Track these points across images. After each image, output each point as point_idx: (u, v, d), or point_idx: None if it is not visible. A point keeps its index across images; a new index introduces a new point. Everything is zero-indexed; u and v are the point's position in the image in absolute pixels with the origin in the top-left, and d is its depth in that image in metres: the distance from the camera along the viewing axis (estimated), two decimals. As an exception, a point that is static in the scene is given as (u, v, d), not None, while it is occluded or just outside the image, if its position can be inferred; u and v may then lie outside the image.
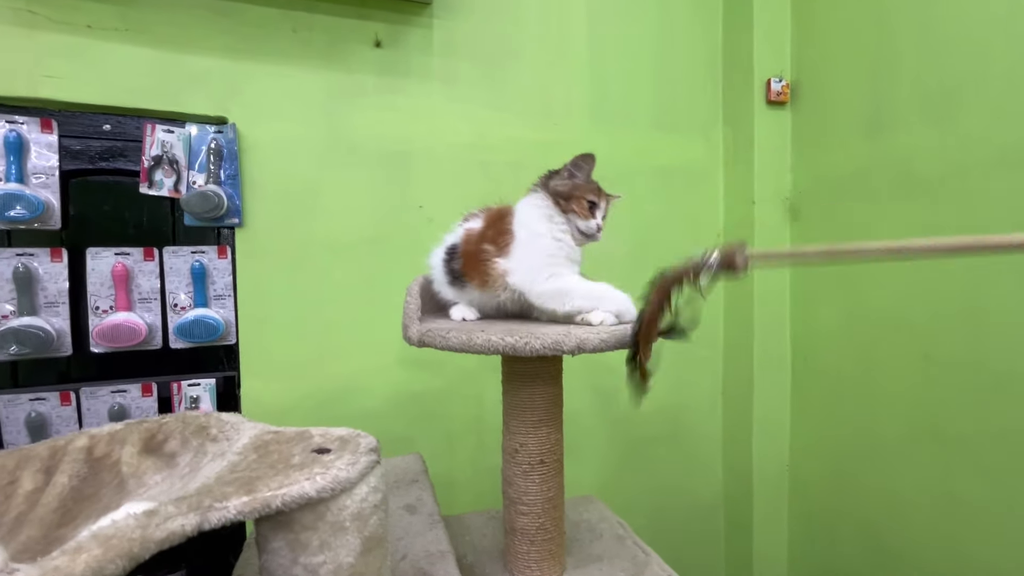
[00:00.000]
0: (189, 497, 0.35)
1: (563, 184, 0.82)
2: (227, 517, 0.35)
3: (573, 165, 0.83)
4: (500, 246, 0.80)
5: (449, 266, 0.86)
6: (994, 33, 1.04)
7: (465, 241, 0.85)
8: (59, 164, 1.08)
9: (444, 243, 0.90)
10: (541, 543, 0.78)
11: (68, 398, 1.09)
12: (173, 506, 0.34)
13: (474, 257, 0.82)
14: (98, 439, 0.54)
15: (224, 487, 0.38)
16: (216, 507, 0.35)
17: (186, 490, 0.38)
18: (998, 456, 1.05)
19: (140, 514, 0.33)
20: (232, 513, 0.36)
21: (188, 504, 0.35)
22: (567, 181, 0.83)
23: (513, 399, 0.79)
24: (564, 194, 0.82)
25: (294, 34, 1.22)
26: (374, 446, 0.47)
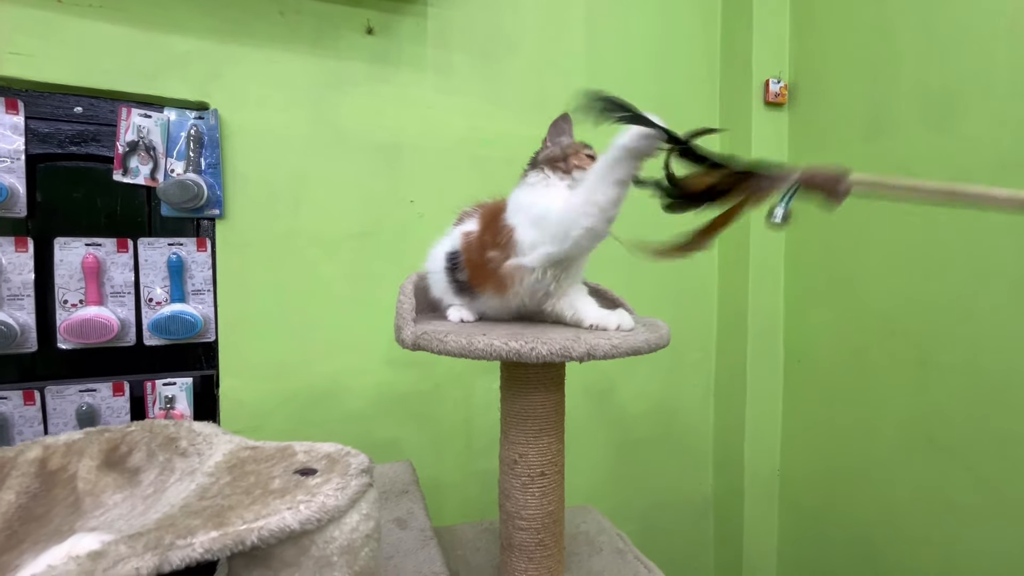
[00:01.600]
0: (147, 533, 0.30)
1: (552, 150, 0.76)
2: (192, 556, 0.30)
3: (553, 132, 0.78)
4: (504, 247, 0.73)
5: (453, 276, 0.79)
6: (996, 36, 1.03)
7: (466, 249, 0.78)
8: (25, 147, 1.01)
9: (441, 246, 0.83)
10: (540, 560, 0.74)
11: (32, 397, 1.02)
12: (126, 545, 0.29)
13: (481, 267, 0.75)
14: (53, 450, 0.48)
15: (190, 519, 0.33)
16: (179, 544, 0.30)
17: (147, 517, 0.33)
18: (991, 460, 1.05)
19: (83, 557, 0.27)
20: (198, 551, 0.30)
21: (144, 543, 0.29)
22: (553, 147, 0.77)
23: (512, 407, 0.74)
24: (558, 156, 0.74)
25: (281, 17, 1.16)
26: (366, 466, 0.42)
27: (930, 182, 0.56)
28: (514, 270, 0.71)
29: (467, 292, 0.79)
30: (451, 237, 0.82)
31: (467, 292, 0.79)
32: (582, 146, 0.76)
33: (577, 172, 0.73)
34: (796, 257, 1.51)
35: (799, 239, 1.50)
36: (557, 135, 0.78)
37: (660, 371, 1.56)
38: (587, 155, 0.74)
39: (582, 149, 0.75)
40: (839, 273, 1.37)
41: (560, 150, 0.75)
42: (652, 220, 0.80)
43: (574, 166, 0.73)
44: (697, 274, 1.60)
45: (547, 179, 0.73)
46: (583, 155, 0.74)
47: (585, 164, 0.73)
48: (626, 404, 1.54)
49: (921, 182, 0.57)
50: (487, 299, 0.78)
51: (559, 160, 0.74)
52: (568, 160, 0.73)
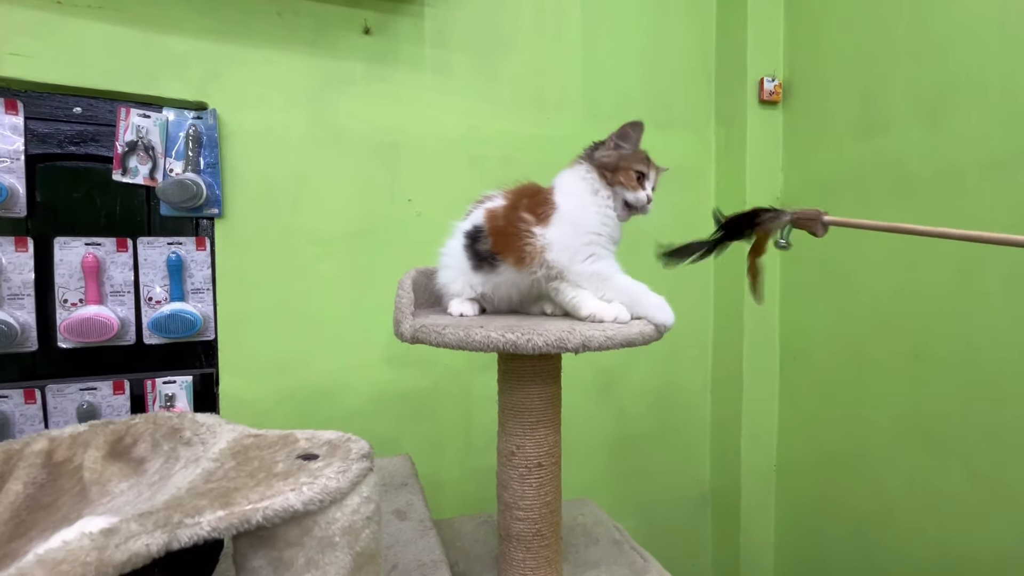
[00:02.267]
0: (156, 512, 0.31)
1: (608, 155, 0.78)
2: (199, 534, 0.31)
3: (619, 135, 0.79)
4: (540, 216, 0.74)
5: (473, 249, 0.80)
6: (987, 36, 1.04)
7: (492, 218, 0.78)
8: (25, 148, 1.01)
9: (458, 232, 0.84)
10: (537, 550, 0.75)
11: (33, 396, 1.02)
12: (136, 523, 0.30)
13: (507, 231, 0.76)
14: (59, 442, 0.49)
15: (197, 499, 0.34)
16: (187, 523, 0.31)
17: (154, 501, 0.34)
18: (984, 454, 1.06)
19: (96, 533, 0.28)
20: (206, 530, 0.31)
21: (154, 520, 0.30)
22: (612, 152, 0.78)
23: (510, 399, 0.76)
24: (610, 166, 0.77)
25: (279, 18, 1.17)
26: (366, 451, 0.43)
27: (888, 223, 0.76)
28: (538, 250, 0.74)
29: (486, 264, 0.79)
30: (470, 218, 0.83)
31: (486, 264, 0.79)
32: (636, 160, 0.78)
33: (619, 188, 0.77)
34: (792, 254, 1.52)
35: (795, 236, 1.51)
36: (622, 139, 0.79)
37: (658, 367, 1.57)
38: (636, 172, 0.77)
39: (634, 165, 0.77)
40: (834, 269, 1.39)
41: (615, 160, 0.77)
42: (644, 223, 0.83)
43: (619, 182, 0.77)
44: (693, 270, 1.61)
45: (595, 180, 0.78)
46: (632, 173, 0.77)
47: (630, 184, 0.77)
48: (624, 400, 1.55)
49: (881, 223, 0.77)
50: (505, 272, 0.78)
51: (609, 169, 0.77)
52: (616, 173, 0.77)
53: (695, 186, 1.60)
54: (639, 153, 0.79)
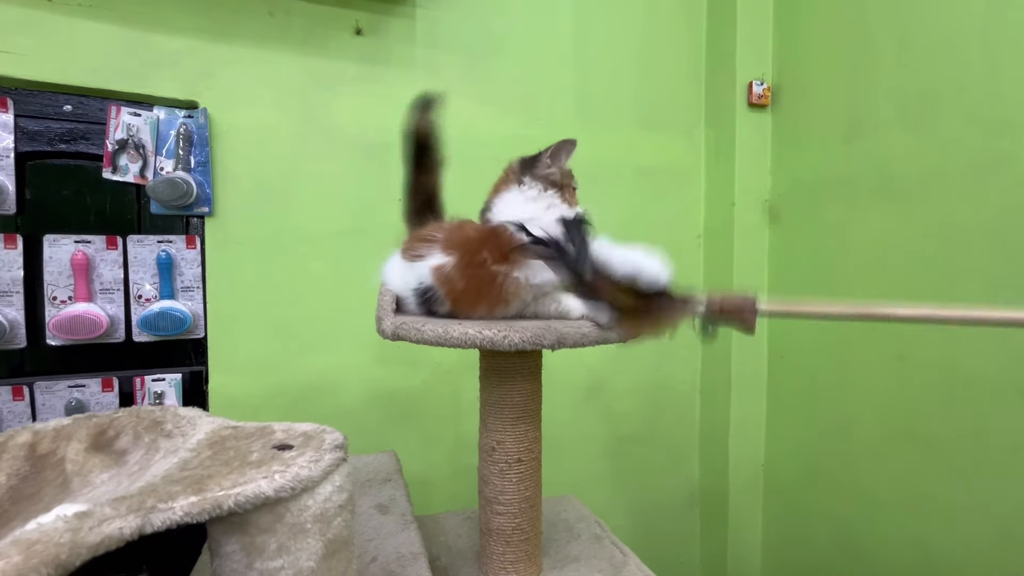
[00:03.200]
0: (130, 497, 0.32)
1: (552, 172, 0.79)
2: (172, 519, 0.32)
3: (554, 153, 0.80)
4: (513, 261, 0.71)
5: (429, 308, 0.77)
6: (970, 41, 1.06)
7: (447, 281, 0.73)
8: (14, 145, 1.02)
9: (398, 273, 0.81)
10: (517, 544, 0.76)
11: (21, 392, 1.03)
12: (110, 507, 0.31)
13: (478, 288, 0.72)
14: (42, 435, 0.50)
15: (171, 486, 0.35)
16: (160, 508, 0.32)
17: (131, 490, 0.35)
18: (969, 456, 1.07)
19: (71, 516, 0.29)
20: (178, 515, 0.32)
21: (128, 505, 0.31)
22: (553, 168, 0.79)
23: (490, 395, 0.77)
24: (557, 183, 0.78)
25: (271, 18, 1.18)
26: (340, 442, 0.44)
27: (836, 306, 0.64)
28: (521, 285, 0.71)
29: (448, 316, 0.76)
30: (412, 272, 0.78)
31: (448, 316, 0.76)
32: (571, 177, 0.81)
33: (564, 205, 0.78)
34: (779, 256, 1.54)
35: (783, 240, 1.53)
36: (558, 157, 0.80)
37: (647, 367, 1.59)
38: (574, 188, 0.81)
39: (572, 181, 0.80)
40: (821, 272, 1.41)
41: (560, 176, 0.79)
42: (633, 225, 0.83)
43: (564, 198, 0.79)
44: (683, 272, 1.62)
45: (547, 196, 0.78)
46: (572, 188, 0.80)
47: (572, 199, 0.80)
48: (613, 401, 1.56)
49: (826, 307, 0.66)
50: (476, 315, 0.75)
51: (555, 186, 0.79)
52: (563, 190, 0.79)
53: (684, 188, 1.62)
54: (568, 170, 0.82)
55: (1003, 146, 1.01)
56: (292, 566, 0.37)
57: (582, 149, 0.82)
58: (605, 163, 1.50)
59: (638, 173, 1.55)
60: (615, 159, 1.52)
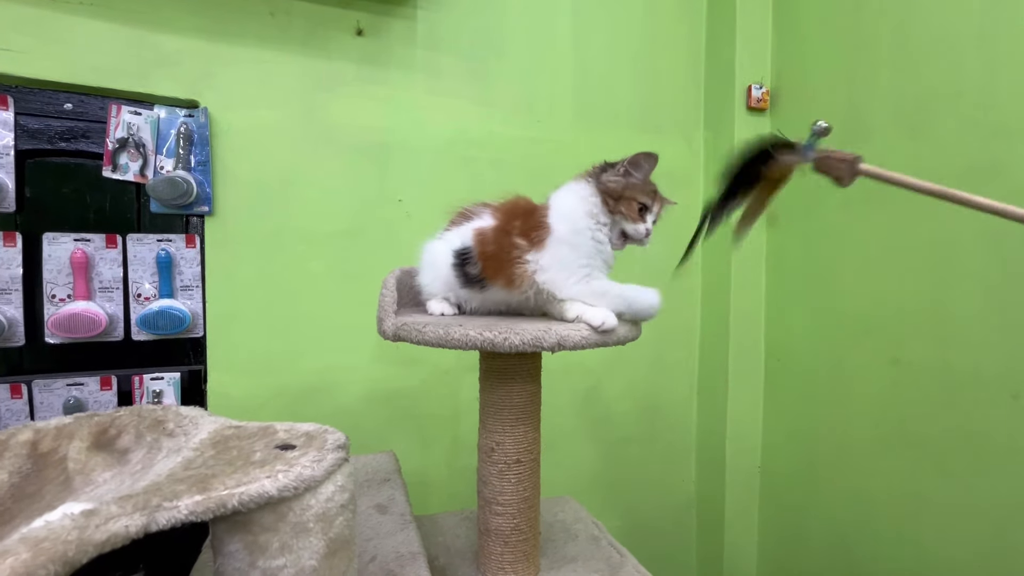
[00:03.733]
0: (135, 496, 0.33)
1: (616, 181, 0.76)
2: (177, 518, 0.33)
3: (632, 162, 0.77)
4: (533, 240, 0.73)
5: (463, 270, 0.79)
6: (966, 47, 1.08)
7: (482, 241, 0.77)
8: (14, 143, 1.02)
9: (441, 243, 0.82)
10: (515, 544, 0.76)
11: (19, 391, 1.03)
12: (116, 506, 0.31)
13: (499, 256, 0.75)
14: (44, 433, 0.50)
15: (176, 484, 0.35)
16: (165, 506, 0.32)
17: (134, 488, 0.36)
18: (962, 456, 1.08)
19: (78, 514, 0.30)
20: (183, 513, 0.33)
21: (133, 503, 0.32)
22: (620, 179, 0.76)
23: (490, 397, 0.77)
24: (615, 192, 0.75)
25: (271, 18, 1.18)
26: (342, 443, 0.44)
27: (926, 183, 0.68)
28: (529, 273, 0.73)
29: (476, 284, 0.79)
30: (458, 234, 0.81)
31: (476, 284, 0.79)
32: (642, 192, 0.77)
33: (619, 217, 0.76)
34: (777, 260, 1.55)
35: (780, 242, 1.54)
36: (633, 167, 0.77)
37: (644, 370, 1.59)
38: (640, 204, 0.76)
39: (639, 196, 0.76)
40: (817, 275, 1.42)
41: (620, 188, 0.76)
42: None
43: (620, 211, 0.76)
44: (680, 275, 1.63)
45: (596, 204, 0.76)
46: (635, 204, 0.76)
47: (632, 215, 0.76)
48: (611, 403, 1.57)
49: (919, 181, 0.69)
50: (494, 291, 0.78)
51: (613, 196, 0.76)
52: (619, 202, 0.76)
53: (683, 191, 1.62)
54: (648, 184, 0.78)
55: (999, 151, 1.02)
56: (294, 565, 0.37)
57: (582, 151, 0.81)
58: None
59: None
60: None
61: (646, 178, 0.78)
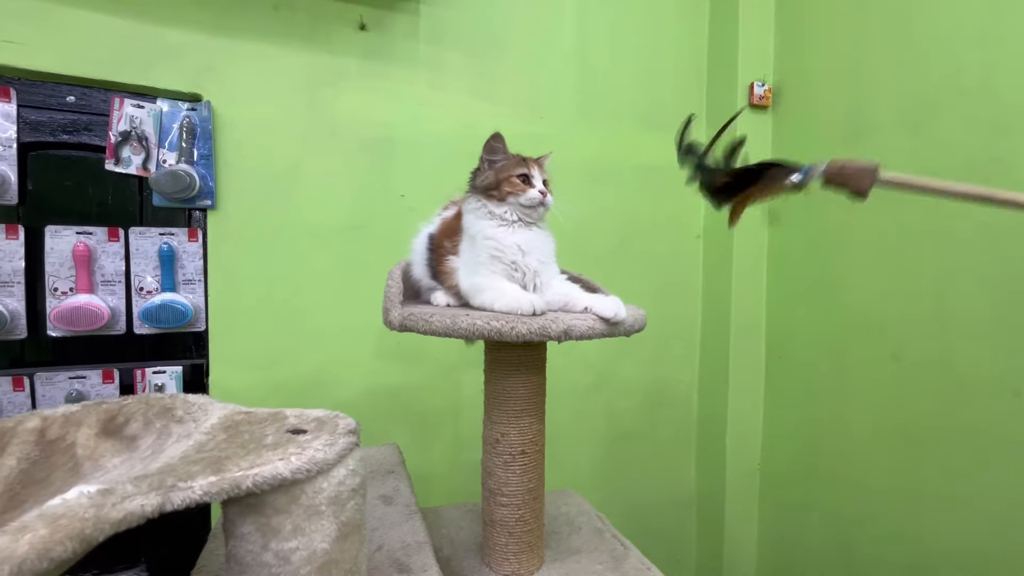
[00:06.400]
0: (150, 476, 0.33)
1: (486, 176, 0.79)
2: (192, 498, 0.33)
3: (487, 153, 0.81)
4: (454, 243, 0.81)
5: (430, 261, 0.86)
6: (968, 44, 1.08)
7: (439, 232, 0.85)
8: (17, 135, 1.02)
9: (426, 229, 0.88)
10: (520, 535, 0.76)
11: (21, 383, 1.03)
12: (132, 485, 0.31)
13: (439, 253, 0.82)
14: (51, 421, 0.50)
15: (190, 466, 0.35)
16: (180, 487, 0.33)
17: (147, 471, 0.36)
18: (962, 453, 1.09)
19: (94, 493, 0.30)
20: (198, 494, 0.33)
21: (149, 483, 0.32)
22: (489, 172, 0.79)
23: (495, 388, 0.77)
24: (492, 185, 0.78)
25: (275, 12, 1.18)
26: (353, 427, 0.45)
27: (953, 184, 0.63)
28: (452, 272, 0.80)
29: (436, 279, 0.85)
30: (432, 223, 0.88)
31: (436, 279, 0.85)
32: (512, 166, 0.79)
33: (511, 198, 0.78)
34: (778, 257, 1.56)
35: (781, 240, 1.54)
36: (491, 155, 0.81)
37: (645, 365, 1.60)
38: (518, 176, 0.78)
39: (512, 172, 0.78)
40: (819, 272, 1.42)
41: (493, 179, 0.78)
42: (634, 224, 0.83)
43: (508, 193, 0.78)
44: (682, 271, 1.64)
45: (483, 206, 0.79)
46: (514, 179, 0.78)
47: (518, 189, 0.77)
48: (611, 399, 1.57)
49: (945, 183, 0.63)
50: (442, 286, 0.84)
51: (494, 188, 0.78)
52: (501, 187, 0.78)
53: (685, 188, 1.62)
54: (512, 158, 0.81)
55: (1001, 149, 1.03)
56: (307, 547, 0.37)
57: (585, 147, 0.82)
58: (606, 162, 1.51)
59: (639, 172, 1.56)
60: (616, 158, 1.53)
61: (507, 154, 0.81)
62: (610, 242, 1.50)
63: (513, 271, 0.75)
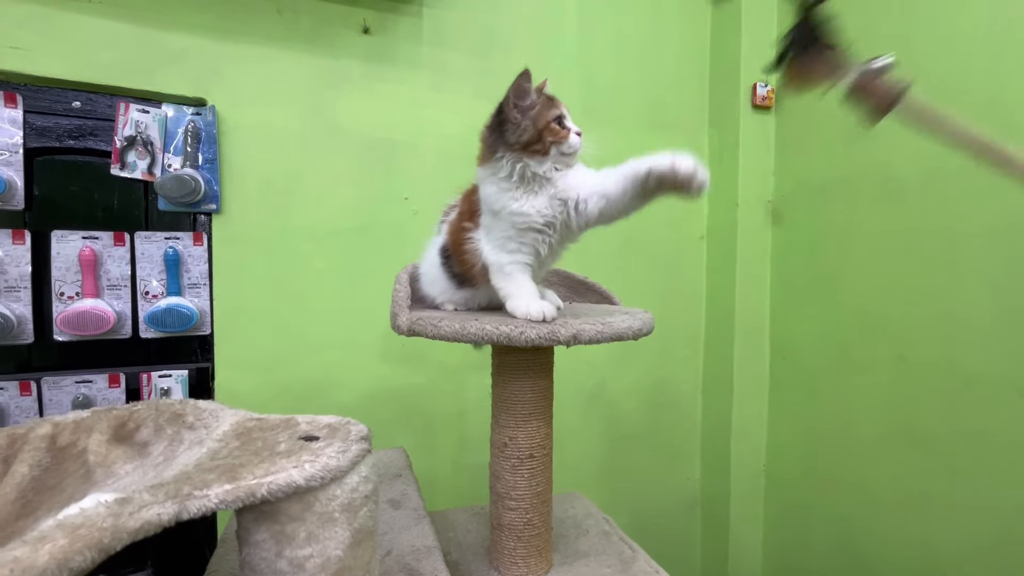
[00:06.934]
0: (166, 484, 0.33)
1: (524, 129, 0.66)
2: (208, 506, 0.33)
3: (516, 97, 0.67)
4: (475, 220, 0.72)
5: (450, 270, 0.78)
6: (973, 44, 1.08)
7: (450, 233, 0.77)
8: (23, 141, 1.02)
9: (434, 244, 0.83)
10: (528, 539, 0.76)
11: (28, 388, 1.03)
12: (148, 494, 0.31)
13: (459, 246, 0.73)
14: (62, 427, 0.50)
15: (205, 474, 0.35)
16: (196, 495, 0.33)
17: (161, 479, 0.36)
18: (968, 455, 1.09)
19: (112, 502, 0.30)
20: (214, 502, 0.33)
21: (165, 492, 0.32)
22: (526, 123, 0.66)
23: (503, 392, 0.77)
24: (534, 138, 0.66)
25: (279, 16, 1.18)
26: (365, 434, 0.45)
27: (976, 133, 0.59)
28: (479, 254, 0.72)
29: (466, 284, 0.78)
30: (441, 233, 0.83)
31: (466, 284, 0.78)
32: (549, 109, 0.67)
33: (554, 148, 0.67)
34: (782, 257, 1.56)
35: (785, 240, 1.54)
36: (522, 99, 0.68)
37: (650, 367, 1.59)
38: (555, 119, 0.67)
39: (551, 114, 0.67)
40: (823, 273, 1.42)
41: (532, 128, 0.66)
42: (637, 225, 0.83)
43: (550, 144, 0.66)
44: (685, 273, 1.64)
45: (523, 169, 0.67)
46: (552, 125, 0.67)
47: (560, 135, 0.66)
48: (617, 399, 1.57)
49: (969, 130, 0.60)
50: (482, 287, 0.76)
51: (535, 142, 0.66)
52: (544, 139, 0.66)
53: (687, 188, 1.63)
54: (541, 99, 0.68)
55: (1005, 148, 1.02)
56: (320, 555, 0.37)
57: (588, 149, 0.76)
58: (609, 163, 1.51)
59: (642, 173, 1.56)
60: (619, 159, 1.52)
61: (539, 94, 0.69)
62: (613, 244, 1.50)
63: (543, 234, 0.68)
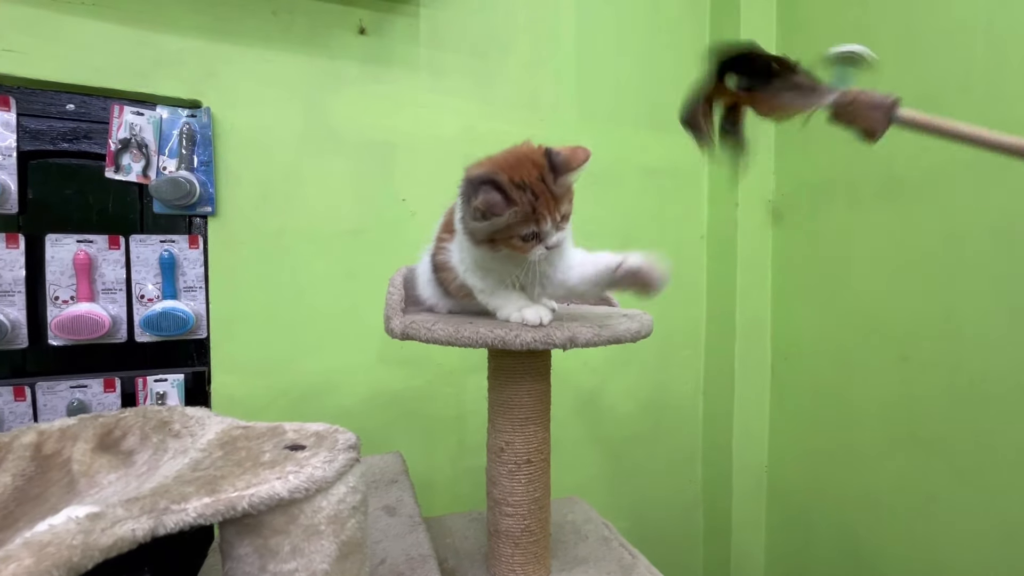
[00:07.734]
0: (142, 498, 0.32)
1: (476, 231, 0.60)
2: (185, 520, 0.32)
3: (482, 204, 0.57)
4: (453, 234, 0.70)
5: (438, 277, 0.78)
6: (974, 42, 1.06)
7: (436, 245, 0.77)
8: (17, 144, 1.01)
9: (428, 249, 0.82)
10: (526, 545, 0.75)
11: (23, 393, 1.02)
12: (123, 508, 0.30)
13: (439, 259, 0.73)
14: (48, 435, 0.49)
15: (184, 487, 0.34)
16: (173, 509, 0.31)
17: (141, 491, 0.35)
18: (973, 457, 1.07)
19: (83, 518, 0.29)
20: (192, 516, 0.32)
21: (140, 506, 0.31)
22: (481, 225, 0.58)
23: (499, 396, 0.76)
24: (485, 241, 0.61)
25: (274, 16, 1.17)
26: (353, 443, 0.43)
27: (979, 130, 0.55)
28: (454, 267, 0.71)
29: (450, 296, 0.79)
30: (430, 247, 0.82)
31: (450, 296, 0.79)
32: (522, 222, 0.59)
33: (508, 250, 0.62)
34: (783, 257, 1.54)
35: (786, 240, 1.53)
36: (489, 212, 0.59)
37: (650, 368, 1.58)
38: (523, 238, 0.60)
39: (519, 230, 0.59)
40: (825, 272, 1.40)
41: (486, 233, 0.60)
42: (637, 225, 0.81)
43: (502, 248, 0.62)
44: (685, 273, 1.62)
45: None
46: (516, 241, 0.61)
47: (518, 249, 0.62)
48: (616, 401, 1.56)
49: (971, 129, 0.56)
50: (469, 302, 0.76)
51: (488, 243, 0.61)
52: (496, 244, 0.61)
53: (687, 188, 1.62)
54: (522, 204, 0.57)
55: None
56: (306, 568, 0.36)
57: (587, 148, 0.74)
58: (609, 163, 1.50)
59: (642, 173, 1.55)
60: (619, 159, 1.52)
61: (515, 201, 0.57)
62: (612, 244, 1.47)
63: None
